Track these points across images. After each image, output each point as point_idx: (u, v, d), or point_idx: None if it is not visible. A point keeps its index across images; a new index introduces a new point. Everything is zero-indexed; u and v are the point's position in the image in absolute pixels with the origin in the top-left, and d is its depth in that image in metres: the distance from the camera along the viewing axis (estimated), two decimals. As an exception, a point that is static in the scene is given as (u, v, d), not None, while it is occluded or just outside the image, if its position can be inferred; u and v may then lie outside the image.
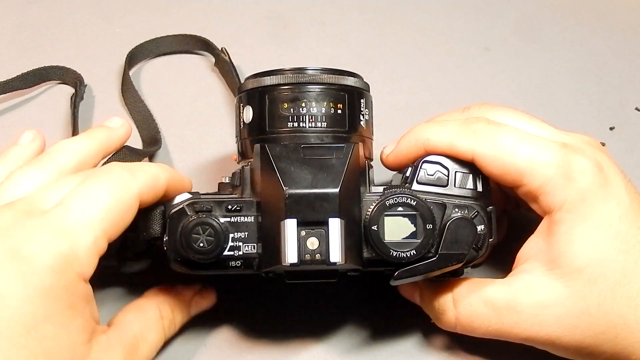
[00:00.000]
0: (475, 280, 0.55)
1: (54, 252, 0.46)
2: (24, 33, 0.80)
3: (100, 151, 0.58)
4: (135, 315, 0.55)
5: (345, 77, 0.56)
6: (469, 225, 0.53)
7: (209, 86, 0.77)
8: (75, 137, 0.59)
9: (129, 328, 0.53)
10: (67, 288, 0.46)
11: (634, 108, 0.77)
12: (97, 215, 0.48)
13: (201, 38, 0.79)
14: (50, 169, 0.54)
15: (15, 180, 0.53)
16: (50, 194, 0.50)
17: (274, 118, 0.54)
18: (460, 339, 0.58)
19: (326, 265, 0.50)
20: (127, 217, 0.50)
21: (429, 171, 0.54)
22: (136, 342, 0.53)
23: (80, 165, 0.55)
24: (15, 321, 0.44)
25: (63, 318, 0.46)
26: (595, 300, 0.51)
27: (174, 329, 0.57)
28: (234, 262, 0.52)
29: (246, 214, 0.52)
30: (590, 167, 0.52)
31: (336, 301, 0.61)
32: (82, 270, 0.47)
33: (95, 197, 0.49)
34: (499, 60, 0.81)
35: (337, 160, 0.52)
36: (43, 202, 0.49)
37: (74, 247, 0.47)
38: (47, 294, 0.45)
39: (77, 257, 0.47)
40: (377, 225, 0.51)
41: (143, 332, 0.54)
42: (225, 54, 0.76)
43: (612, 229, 0.52)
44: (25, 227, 0.47)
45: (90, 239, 0.48)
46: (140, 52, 0.78)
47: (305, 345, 0.59)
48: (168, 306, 0.57)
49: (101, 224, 0.48)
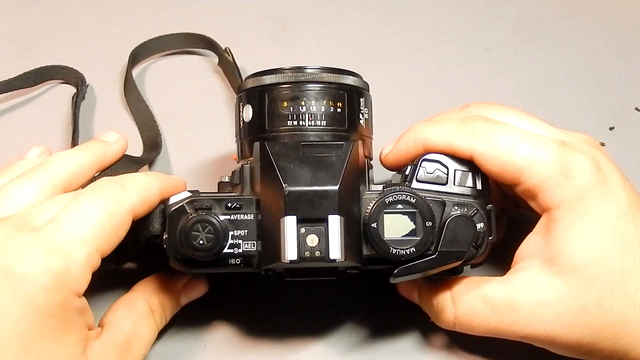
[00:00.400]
0: (473, 279, 0.55)
1: (48, 271, 0.46)
2: (25, 32, 0.80)
3: (95, 165, 0.58)
4: (124, 312, 0.55)
5: (344, 76, 0.56)
6: (469, 223, 0.53)
7: (211, 86, 0.77)
8: (71, 149, 0.58)
9: (121, 327, 0.53)
10: (62, 305, 0.47)
11: (634, 108, 0.77)
12: (90, 232, 0.48)
13: (205, 37, 0.79)
14: (44, 180, 0.53)
15: (8, 193, 0.52)
16: (43, 211, 0.50)
17: (273, 117, 0.54)
18: (460, 338, 0.58)
19: (325, 262, 0.50)
20: (120, 232, 0.50)
21: (428, 169, 0.54)
22: (129, 340, 0.53)
23: (73, 177, 0.55)
24: (12, 339, 0.45)
25: (59, 334, 0.47)
26: (594, 298, 0.51)
27: (165, 321, 0.57)
28: (233, 260, 0.52)
29: (246, 211, 0.52)
30: (588, 164, 0.52)
31: (335, 300, 0.61)
32: (76, 287, 0.48)
33: (87, 214, 0.49)
34: (499, 60, 0.81)
35: (337, 158, 0.52)
36: (35, 218, 0.49)
37: (67, 266, 0.47)
38: (42, 312, 0.46)
39: (71, 275, 0.47)
40: (376, 222, 0.51)
41: (135, 329, 0.54)
42: (229, 53, 0.76)
43: (611, 226, 0.52)
44: (18, 244, 0.47)
45: (83, 257, 0.48)
46: (144, 51, 0.78)
47: (304, 344, 0.59)
48: (157, 299, 0.56)
49: (94, 241, 0.48)
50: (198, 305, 0.59)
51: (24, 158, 0.60)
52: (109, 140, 0.60)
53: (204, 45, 0.79)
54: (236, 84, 0.74)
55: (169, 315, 0.58)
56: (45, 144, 0.70)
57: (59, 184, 0.54)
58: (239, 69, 0.75)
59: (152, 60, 0.79)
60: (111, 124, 0.73)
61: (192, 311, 0.59)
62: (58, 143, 0.72)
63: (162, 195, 0.54)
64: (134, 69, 0.77)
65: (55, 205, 0.50)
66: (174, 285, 0.58)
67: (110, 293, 0.60)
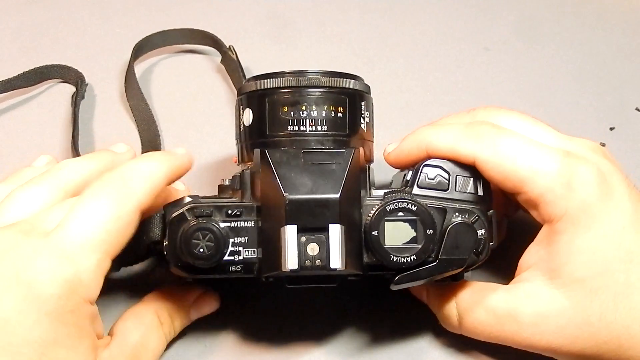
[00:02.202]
0: (478, 286, 0.55)
1: (59, 279, 0.46)
2: (24, 32, 0.80)
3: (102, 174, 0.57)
4: (133, 323, 0.55)
5: (346, 79, 0.55)
6: (470, 230, 0.52)
7: (213, 86, 0.77)
8: (79, 157, 0.58)
9: (129, 337, 0.53)
10: (74, 312, 0.47)
11: (634, 108, 0.77)
12: (97, 237, 0.48)
13: (209, 34, 0.78)
14: (52, 186, 0.53)
15: (16, 198, 0.52)
16: (52, 216, 0.50)
17: (274, 122, 0.54)
18: (460, 344, 0.58)
19: (326, 271, 0.50)
20: (128, 231, 0.50)
21: (429, 175, 0.54)
22: (137, 351, 0.53)
23: (82, 185, 0.54)
24: (26, 346, 0.45)
25: (72, 341, 0.47)
26: (597, 310, 0.51)
27: (174, 334, 0.57)
28: (234, 267, 0.52)
29: (246, 218, 0.52)
30: (593, 177, 0.52)
31: (336, 305, 0.61)
32: (88, 294, 0.48)
33: (93, 218, 0.49)
34: (499, 60, 0.80)
35: (338, 165, 0.52)
36: (45, 223, 0.49)
37: (77, 273, 0.47)
38: (55, 318, 0.46)
39: (82, 281, 0.47)
40: (377, 230, 0.51)
41: (143, 339, 0.54)
42: (233, 51, 0.76)
43: (615, 239, 0.51)
44: (28, 250, 0.47)
45: (93, 262, 0.48)
46: (147, 44, 0.78)
47: (305, 349, 0.59)
48: (166, 311, 0.56)
49: (102, 246, 0.48)
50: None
51: (31, 165, 0.59)
52: (118, 152, 0.60)
53: (208, 42, 0.79)
54: (239, 82, 0.74)
55: (178, 328, 0.58)
56: (45, 143, 0.71)
57: (68, 190, 0.53)
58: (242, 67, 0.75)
59: (153, 60, 0.79)
60: (111, 123, 0.74)
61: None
62: (58, 142, 0.72)
63: (169, 180, 0.53)
64: (136, 66, 0.76)
65: (63, 210, 0.50)
66: (184, 298, 0.58)
67: (113, 298, 0.60)
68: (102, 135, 0.73)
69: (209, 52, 0.80)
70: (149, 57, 0.79)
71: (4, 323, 0.45)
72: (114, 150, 0.60)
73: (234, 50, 0.76)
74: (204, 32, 0.79)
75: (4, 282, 0.46)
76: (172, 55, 0.80)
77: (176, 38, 0.79)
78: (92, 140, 0.72)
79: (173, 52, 0.80)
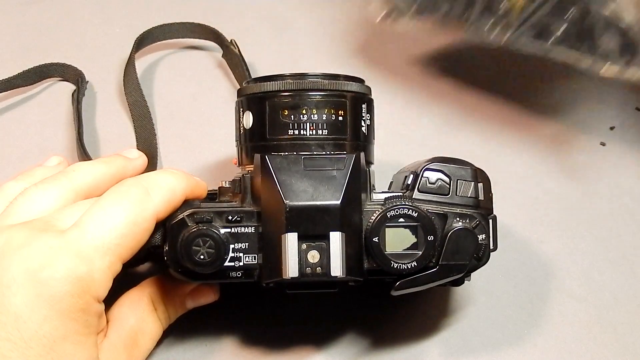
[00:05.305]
0: None
1: (72, 277, 0.47)
2: (24, 31, 0.80)
3: (115, 178, 0.57)
4: (129, 307, 0.55)
5: (346, 82, 0.55)
6: (470, 236, 0.52)
7: (214, 84, 0.77)
8: (93, 160, 0.58)
9: (126, 323, 0.54)
10: (84, 310, 0.47)
11: (634, 108, 0.76)
12: (113, 240, 0.49)
13: (210, 28, 0.78)
14: (65, 186, 0.53)
15: (31, 197, 0.52)
16: (67, 215, 0.50)
17: (274, 125, 0.54)
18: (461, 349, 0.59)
19: (327, 278, 0.50)
20: (143, 238, 0.51)
21: (430, 179, 0.54)
22: (135, 335, 0.54)
23: (95, 187, 0.55)
24: (35, 341, 0.46)
25: (80, 337, 0.48)
26: None
27: (169, 320, 0.57)
28: (234, 273, 0.52)
29: (247, 224, 0.52)
30: None
31: (337, 310, 0.61)
32: (98, 293, 0.48)
33: (111, 221, 0.49)
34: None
35: (339, 172, 0.52)
36: (59, 222, 0.50)
37: (90, 273, 0.47)
38: (66, 315, 0.46)
39: (94, 281, 0.48)
40: (378, 236, 0.51)
41: (139, 324, 0.55)
42: (235, 46, 0.76)
43: None
44: (44, 247, 0.47)
45: (106, 265, 0.48)
46: (148, 38, 0.77)
47: (305, 354, 0.59)
48: (160, 297, 0.56)
49: (116, 249, 0.49)
50: (199, 316, 0.59)
51: (43, 165, 0.60)
52: (130, 157, 0.60)
53: (210, 36, 0.79)
54: (242, 77, 0.74)
55: (173, 315, 0.58)
56: (45, 142, 0.71)
57: (81, 192, 0.54)
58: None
59: (154, 55, 0.79)
60: (110, 121, 0.73)
61: (193, 322, 0.59)
62: (58, 140, 0.72)
63: (185, 198, 0.53)
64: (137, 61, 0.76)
65: (79, 210, 0.50)
66: (181, 287, 0.58)
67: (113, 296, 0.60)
68: (102, 133, 0.73)
69: (211, 46, 0.79)
70: (150, 52, 0.79)
71: (15, 318, 0.46)
72: (126, 156, 0.60)
73: (236, 45, 0.76)
74: (205, 26, 0.78)
75: (17, 278, 0.46)
76: (173, 50, 0.79)
77: (178, 32, 0.79)
78: (93, 138, 0.72)
79: (174, 48, 0.80)
